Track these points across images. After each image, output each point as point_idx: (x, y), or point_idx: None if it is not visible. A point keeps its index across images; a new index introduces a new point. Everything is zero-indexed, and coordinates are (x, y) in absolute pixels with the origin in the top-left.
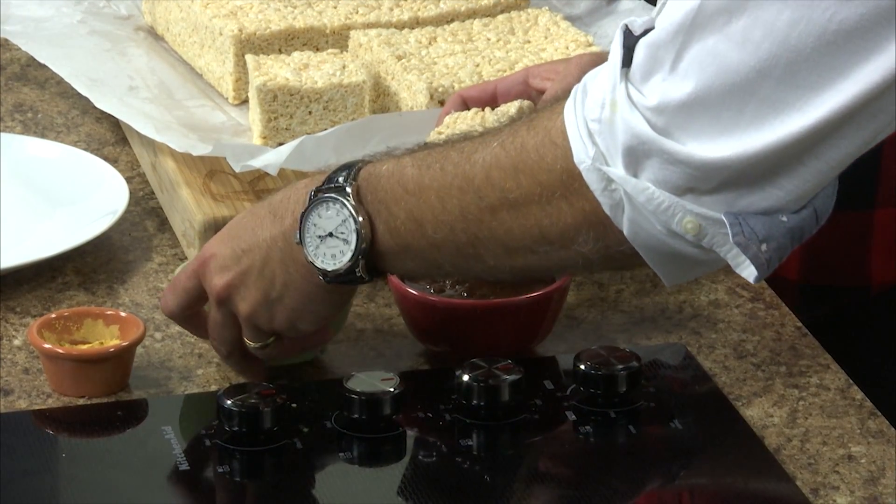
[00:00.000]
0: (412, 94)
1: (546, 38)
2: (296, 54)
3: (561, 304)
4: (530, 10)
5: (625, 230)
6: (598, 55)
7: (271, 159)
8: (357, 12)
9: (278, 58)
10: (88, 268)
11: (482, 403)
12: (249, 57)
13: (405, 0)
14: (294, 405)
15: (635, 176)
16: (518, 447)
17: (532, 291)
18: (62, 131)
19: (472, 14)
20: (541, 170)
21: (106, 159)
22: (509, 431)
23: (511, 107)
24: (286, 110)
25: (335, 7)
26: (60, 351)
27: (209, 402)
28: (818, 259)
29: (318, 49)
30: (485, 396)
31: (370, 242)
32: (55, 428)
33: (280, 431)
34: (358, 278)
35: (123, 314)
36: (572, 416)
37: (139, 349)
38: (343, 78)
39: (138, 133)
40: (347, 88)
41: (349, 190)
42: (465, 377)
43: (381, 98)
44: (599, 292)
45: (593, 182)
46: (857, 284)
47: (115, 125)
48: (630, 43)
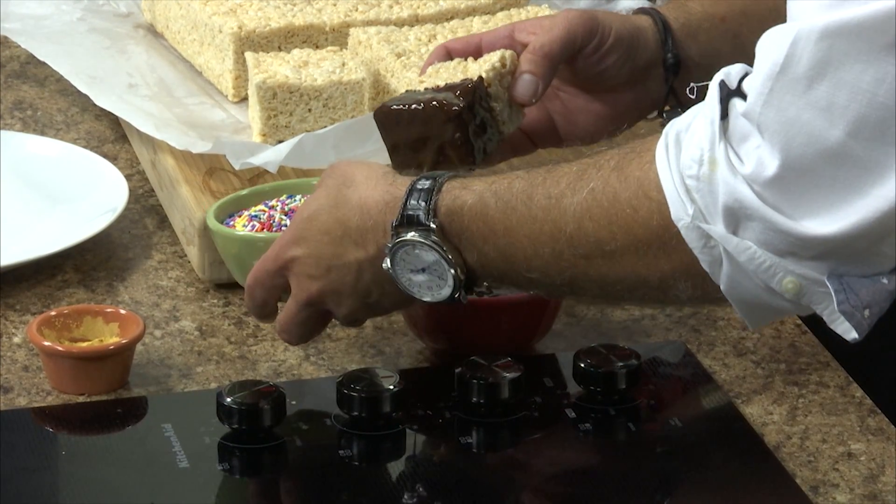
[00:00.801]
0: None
1: None
2: (295, 52)
3: (560, 302)
4: (529, 8)
5: (722, 285)
6: (585, 12)
7: (271, 157)
8: (356, 10)
9: (278, 55)
10: (88, 265)
11: (482, 401)
12: (249, 54)
13: None
14: (294, 402)
15: (735, 234)
16: (518, 445)
17: None
18: (62, 129)
19: (472, 11)
20: (636, 224)
21: (105, 157)
22: (509, 429)
23: (494, 56)
24: (286, 108)
25: (335, 4)
26: (60, 348)
27: (209, 400)
28: None
29: (318, 46)
30: (484, 394)
31: (466, 276)
32: (55, 425)
33: (280, 429)
34: (459, 301)
35: (123, 312)
36: (572, 414)
37: (139, 347)
38: (343, 75)
39: (138, 130)
40: (347, 86)
41: (433, 226)
42: (465, 375)
43: (381, 95)
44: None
45: (692, 240)
46: None
47: (115, 123)
48: (725, 95)
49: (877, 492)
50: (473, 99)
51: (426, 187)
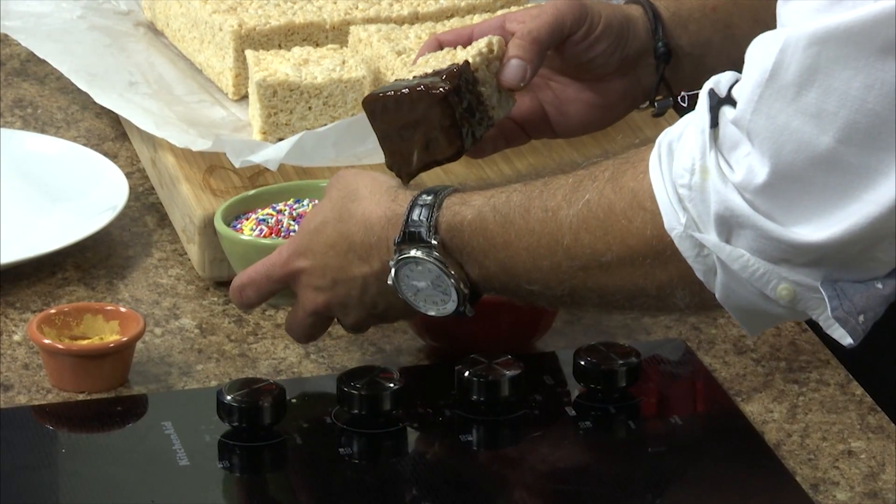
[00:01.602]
0: None
1: None
2: (296, 50)
3: None
4: (529, 6)
5: (717, 294)
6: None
7: (271, 155)
8: (357, 7)
9: (278, 53)
10: (88, 263)
11: (482, 399)
12: (249, 52)
13: None
14: (294, 401)
15: (728, 242)
16: (518, 443)
17: None
18: (62, 127)
19: (472, 9)
20: (630, 234)
21: (106, 155)
22: (509, 427)
23: (481, 42)
24: (286, 106)
25: (335, 2)
26: (60, 346)
27: (209, 398)
28: None
29: (318, 44)
30: (485, 392)
31: (470, 289)
32: (55, 423)
33: (280, 427)
34: (464, 314)
35: (123, 310)
36: (572, 412)
37: (139, 345)
38: (343, 73)
39: (138, 128)
40: (347, 84)
41: (434, 242)
42: (465, 373)
43: None
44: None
45: (686, 249)
46: None
47: (115, 121)
48: (715, 103)
49: (877, 490)
50: (459, 82)
51: (427, 203)
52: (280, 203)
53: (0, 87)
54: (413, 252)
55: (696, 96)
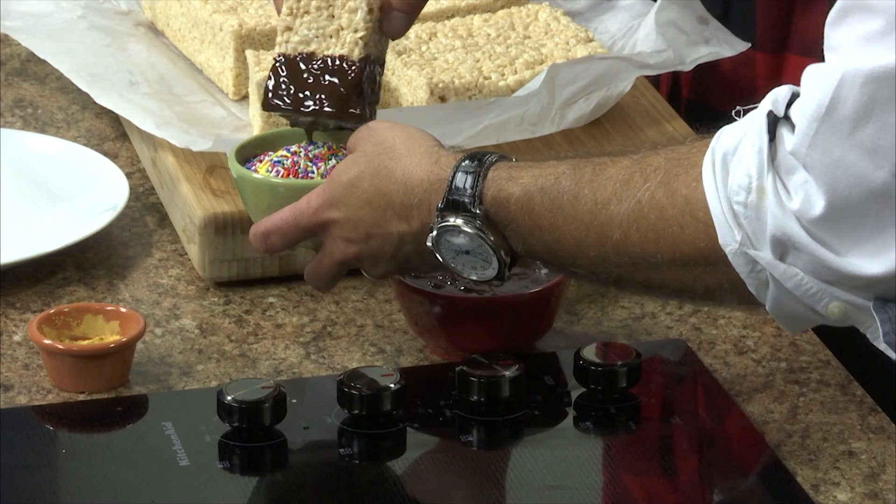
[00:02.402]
0: (412, 90)
1: (546, 34)
2: None
3: (561, 300)
4: (530, 6)
5: (767, 305)
6: None
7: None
8: None
9: None
10: (88, 263)
11: (482, 399)
12: (249, 52)
13: None
14: (294, 401)
15: (783, 261)
16: (518, 443)
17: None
18: (62, 127)
19: (473, 10)
20: (682, 242)
21: (106, 155)
22: (510, 427)
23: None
24: None
25: None
26: (60, 346)
27: (209, 398)
28: None
29: None
30: (485, 392)
31: (511, 257)
32: (55, 423)
33: (280, 427)
34: (504, 280)
35: (123, 310)
36: (573, 412)
37: (139, 345)
38: None
39: (138, 128)
40: None
41: (478, 212)
42: (466, 373)
43: (382, 93)
44: (600, 287)
45: (740, 265)
46: None
47: (115, 120)
48: (773, 120)
49: (877, 490)
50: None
51: (471, 171)
52: (293, 145)
53: (0, 87)
54: (456, 220)
55: (750, 111)
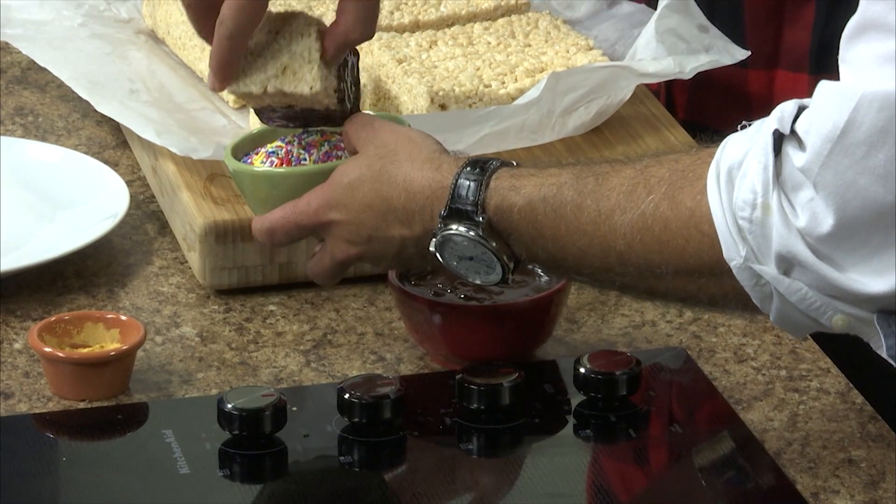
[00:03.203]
0: (413, 98)
1: (546, 42)
2: None
3: (561, 308)
4: (531, 14)
5: (771, 317)
6: None
7: None
8: None
9: None
10: (89, 271)
11: (482, 407)
12: None
13: (405, 4)
14: (294, 409)
15: (787, 276)
16: (518, 451)
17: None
18: (63, 135)
19: (473, 18)
20: (687, 254)
21: (106, 163)
22: (510, 435)
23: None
24: None
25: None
26: (61, 354)
27: (210, 406)
28: None
29: None
30: (485, 400)
31: (515, 261)
32: (56, 431)
33: (280, 435)
34: (508, 283)
35: (124, 318)
36: (573, 420)
37: (139, 353)
38: None
39: (139, 136)
40: None
41: (481, 220)
42: (466, 381)
43: (382, 101)
44: (600, 296)
45: (744, 279)
46: None
47: (116, 128)
48: (778, 137)
49: (877, 498)
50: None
51: (473, 178)
52: (288, 135)
53: (1, 95)
54: (459, 228)
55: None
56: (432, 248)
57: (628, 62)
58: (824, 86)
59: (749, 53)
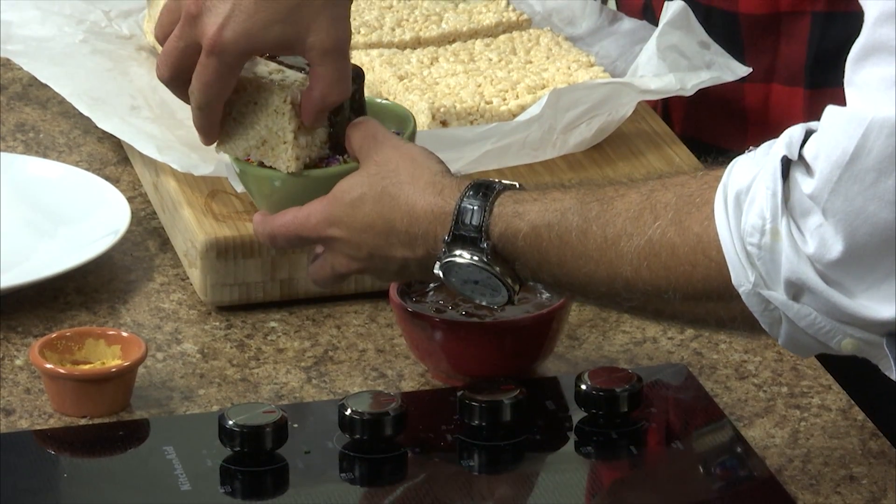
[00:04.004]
0: (414, 115)
1: (548, 58)
2: None
3: (562, 324)
4: (532, 31)
5: (780, 341)
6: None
7: None
8: (359, 32)
9: None
10: (90, 287)
11: (484, 424)
12: None
13: (407, 20)
14: (296, 425)
15: (796, 301)
16: (520, 468)
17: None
18: (64, 151)
19: (474, 34)
20: (695, 279)
21: (108, 179)
22: (511, 452)
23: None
24: None
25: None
26: (62, 371)
27: (211, 423)
28: None
29: None
30: (486, 417)
31: (520, 283)
32: (57, 448)
33: (281, 452)
34: (514, 304)
35: (125, 334)
36: (574, 437)
37: (141, 369)
38: None
39: (140, 153)
40: None
41: (485, 247)
42: (467, 397)
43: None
44: (601, 312)
45: (753, 304)
46: None
47: (117, 145)
48: (786, 162)
49: None
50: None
51: (477, 205)
52: None
53: (2, 112)
54: (463, 254)
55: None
56: (437, 271)
57: (630, 79)
58: (832, 111)
59: (750, 70)
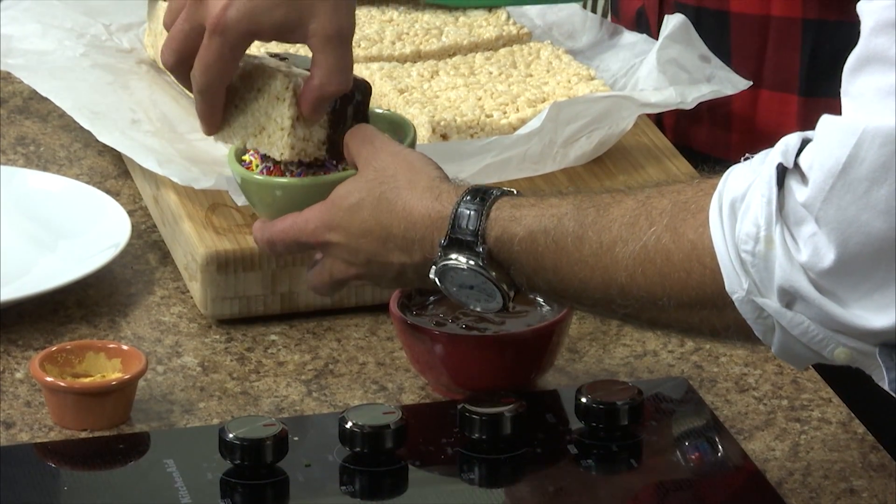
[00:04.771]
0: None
1: (548, 72)
2: None
3: (562, 338)
4: (532, 44)
5: (773, 349)
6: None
7: None
8: (359, 46)
9: None
10: (90, 301)
11: (484, 437)
12: None
13: (407, 34)
14: (296, 438)
15: (789, 309)
16: (520, 481)
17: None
18: (64, 164)
19: (475, 48)
20: (689, 287)
21: (108, 192)
22: (511, 465)
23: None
24: None
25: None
26: (62, 384)
27: (211, 436)
28: None
29: None
30: (487, 430)
31: (516, 289)
32: (57, 461)
33: (282, 465)
34: (508, 310)
35: (125, 347)
36: (574, 450)
37: (141, 382)
38: None
39: (140, 166)
40: None
41: (481, 251)
42: (467, 410)
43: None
44: (601, 325)
45: (747, 312)
46: None
47: (118, 158)
48: (781, 170)
49: None
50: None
51: (473, 208)
52: None
53: (2, 125)
54: (459, 258)
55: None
56: (432, 276)
57: (630, 92)
58: (827, 120)
59: (751, 83)
